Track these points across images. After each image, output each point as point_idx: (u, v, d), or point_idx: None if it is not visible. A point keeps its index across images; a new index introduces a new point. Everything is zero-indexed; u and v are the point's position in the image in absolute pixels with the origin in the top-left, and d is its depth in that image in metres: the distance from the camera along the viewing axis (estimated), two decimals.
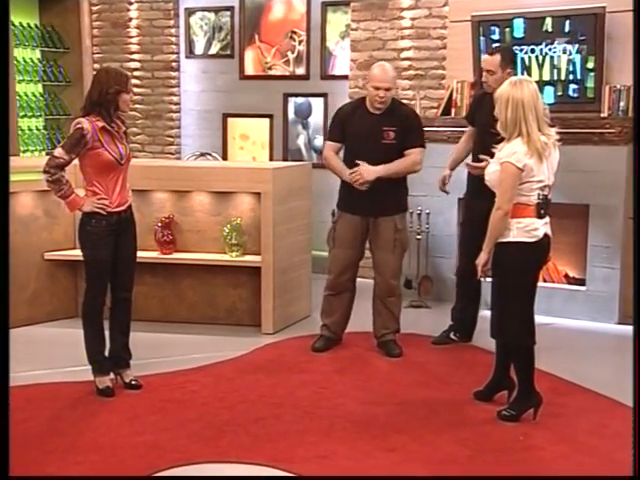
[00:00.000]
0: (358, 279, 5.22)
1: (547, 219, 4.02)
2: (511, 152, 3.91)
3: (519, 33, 6.07)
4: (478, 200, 4.69)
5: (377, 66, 5.01)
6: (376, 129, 4.95)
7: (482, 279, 4.26)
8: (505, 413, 4.09)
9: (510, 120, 3.92)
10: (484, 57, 5.01)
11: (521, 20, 6.05)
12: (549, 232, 4.04)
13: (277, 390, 4.51)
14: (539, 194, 3.96)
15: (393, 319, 5.20)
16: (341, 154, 5.16)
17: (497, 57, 4.95)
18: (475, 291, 5.28)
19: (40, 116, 8.36)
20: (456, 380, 4.71)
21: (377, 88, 4.89)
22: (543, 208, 3.97)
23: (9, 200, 3.72)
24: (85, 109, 4.30)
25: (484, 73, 5.04)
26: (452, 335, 5.38)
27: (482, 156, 4.43)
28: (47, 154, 7.89)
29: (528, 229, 3.95)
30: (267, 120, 7.99)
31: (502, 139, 4.03)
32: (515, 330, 4.04)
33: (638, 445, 3.12)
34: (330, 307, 5.26)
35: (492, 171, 4.04)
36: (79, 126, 4.22)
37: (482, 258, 4.08)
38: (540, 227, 3.98)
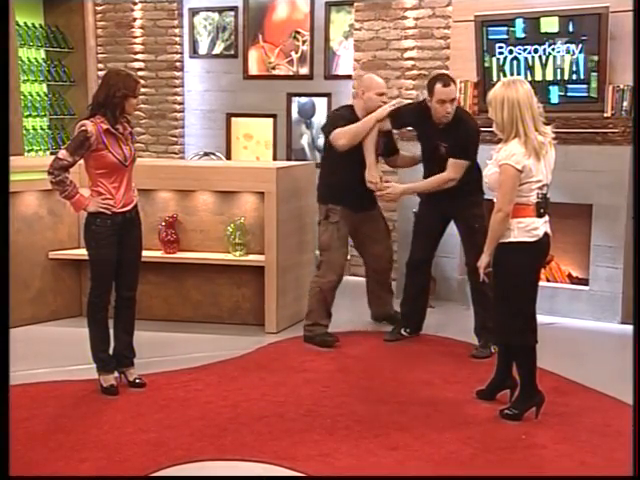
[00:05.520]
0: (355, 278, 5.20)
1: (546, 218, 4.03)
2: (510, 154, 3.90)
3: (522, 33, 6.07)
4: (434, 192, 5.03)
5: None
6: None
7: (485, 280, 4.27)
8: (507, 412, 4.10)
9: (507, 121, 3.91)
10: (443, 89, 4.81)
11: (524, 20, 6.05)
12: (549, 231, 4.05)
13: (280, 389, 4.53)
14: (538, 193, 3.97)
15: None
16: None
17: (454, 86, 4.94)
18: (424, 283, 5.40)
19: (44, 116, 8.39)
20: (459, 379, 4.72)
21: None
22: (542, 207, 3.98)
23: (9, 200, 3.74)
24: (92, 109, 4.32)
25: (446, 104, 4.87)
26: (403, 331, 5.41)
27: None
28: (51, 154, 7.91)
29: (529, 229, 3.96)
30: (271, 120, 8.00)
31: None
32: (517, 329, 4.04)
33: (638, 445, 3.13)
34: None
35: (490, 173, 4.03)
36: (83, 128, 4.23)
37: (484, 260, 4.09)
38: (540, 226, 3.99)
